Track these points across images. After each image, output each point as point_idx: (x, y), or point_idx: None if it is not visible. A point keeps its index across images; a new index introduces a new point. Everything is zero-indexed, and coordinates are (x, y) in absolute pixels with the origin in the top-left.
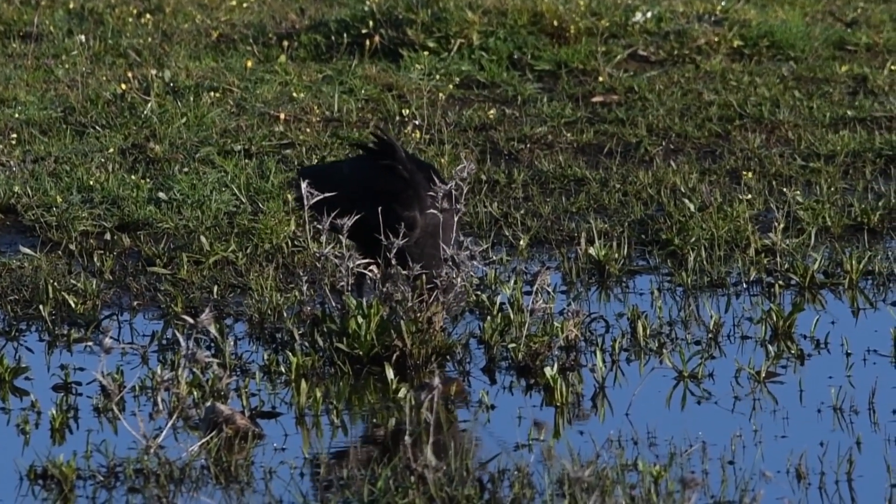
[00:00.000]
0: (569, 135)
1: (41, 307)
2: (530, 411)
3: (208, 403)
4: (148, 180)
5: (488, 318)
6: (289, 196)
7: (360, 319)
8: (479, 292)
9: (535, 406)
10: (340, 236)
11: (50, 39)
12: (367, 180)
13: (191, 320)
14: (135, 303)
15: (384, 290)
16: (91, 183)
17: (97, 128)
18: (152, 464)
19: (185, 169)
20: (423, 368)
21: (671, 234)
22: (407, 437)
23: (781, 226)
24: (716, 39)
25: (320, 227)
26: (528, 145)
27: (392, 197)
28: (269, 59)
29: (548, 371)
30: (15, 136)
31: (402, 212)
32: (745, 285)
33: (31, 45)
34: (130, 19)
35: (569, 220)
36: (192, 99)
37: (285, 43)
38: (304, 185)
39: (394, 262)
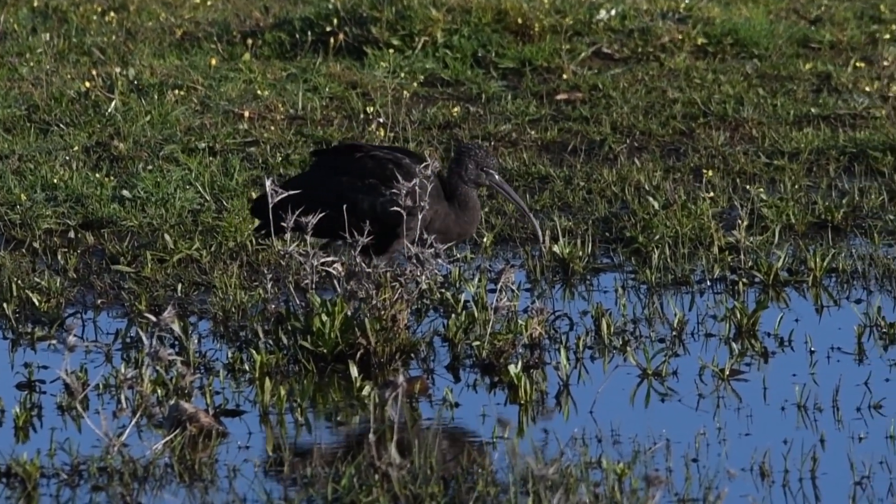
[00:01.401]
0: (533, 132)
1: (5, 305)
2: (494, 409)
3: (172, 401)
4: (112, 178)
5: (452, 316)
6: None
7: (324, 317)
8: (443, 290)
9: (500, 404)
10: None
11: (14, 37)
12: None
13: (154, 318)
14: (99, 301)
15: (348, 287)
16: (55, 181)
17: (61, 126)
18: (116, 462)
19: (150, 167)
20: (388, 366)
21: (635, 232)
22: (371, 435)
23: (745, 223)
24: (680, 37)
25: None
26: (493, 143)
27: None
28: (233, 57)
29: (512, 369)
30: None
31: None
32: (708, 283)
33: None
34: (95, 17)
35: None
36: (156, 97)
37: (249, 41)
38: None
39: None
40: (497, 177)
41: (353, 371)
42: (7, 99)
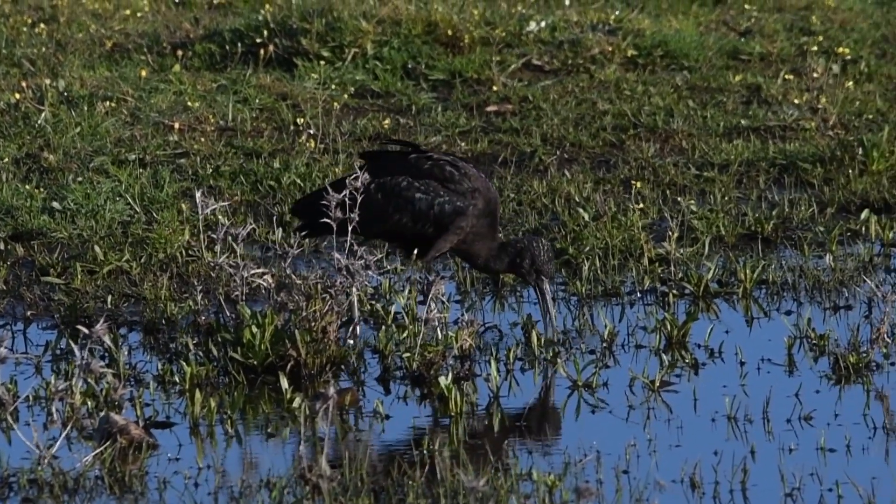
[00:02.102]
0: (463, 144)
1: None
2: (425, 421)
3: (102, 413)
4: (42, 190)
5: (383, 327)
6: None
7: (254, 329)
8: (373, 302)
9: (430, 416)
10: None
11: None
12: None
13: (85, 330)
14: (28, 312)
15: (279, 299)
16: None
17: None
18: (46, 474)
19: (80, 178)
20: (318, 378)
21: (565, 244)
22: (301, 447)
23: (675, 235)
24: (610, 49)
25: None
26: None
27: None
28: (163, 69)
29: (442, 380)
30: None
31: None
32: (639, 294)
33: None
34: (24, 29)
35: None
36: (86, 108)
37: (180, 52)
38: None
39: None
40: (546, 285)
41: (284, 383)
42: None
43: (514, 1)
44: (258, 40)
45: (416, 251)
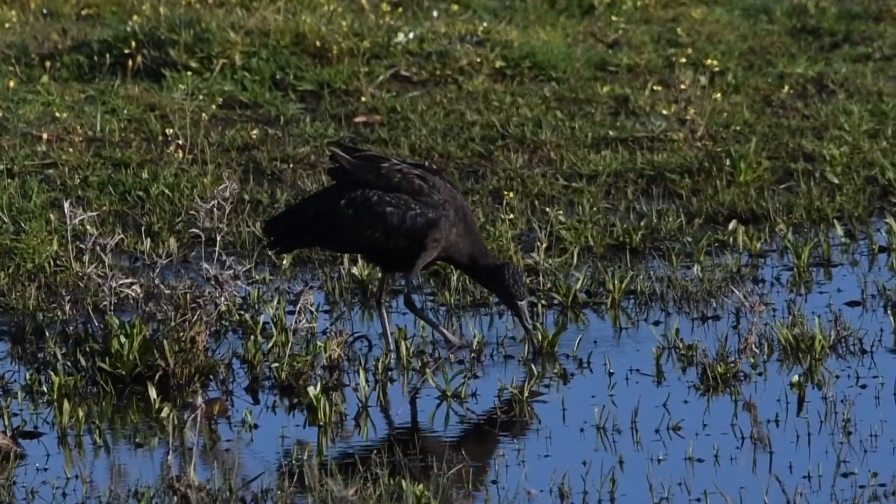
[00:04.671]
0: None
1: None
2: (294, 431)
3: None
4: None
5: (251, 337)
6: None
7: (122, 339)
8: (241, 312)
9: (299, 425)
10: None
11: None
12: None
13: None
14: None
15: (147, 309)
16: None
17: None
18: None
19: None
20: (186, 388)
21: None
22: (170, 457)
23: (544, 245)
24: (478, 60)
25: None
26: (291, 165)
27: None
28: (31, 80)
29: (311, 390)
30: None
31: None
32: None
33: None
34: None
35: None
36: None
37: (48, 63)
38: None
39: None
40: (523, 304)
41: (152, 393)
42: None
43: (381, 12)
44: (126, 51)
45: (396, 268)
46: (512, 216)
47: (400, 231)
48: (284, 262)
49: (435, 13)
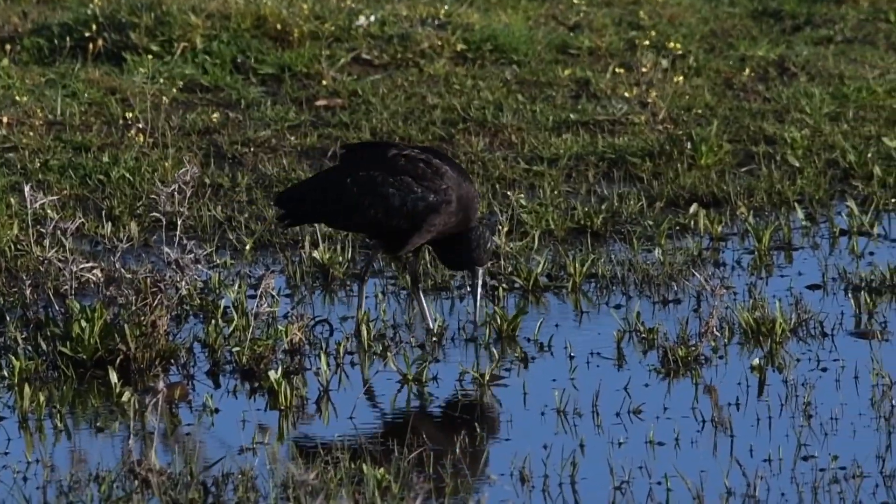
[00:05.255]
0: (293, 138)
1: None
2: (255, 415)
3: None
4: None
5: (212, 321)
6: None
7: (83, 323)
8: (203, 296)
9: (260, 409)
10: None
11: None
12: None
13: None
14: None
15: (108, 293)
16: None
17: None
18: None
19: None
20: (147, 372)
21: None
22: (131, 441)
23: (505, 229)
24: (439, 43)
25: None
26: (252, 149)
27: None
28: None
29: (272, 374)
30: None
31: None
32: (469, 288)
33: None
34: None
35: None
36: None
37: (8, 46)
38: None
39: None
40: (480, 273)
41: (113, 377)
42: None
43: None
44: (87, 34)
45: (389, 246)
46: None
47: (400, 213)
48: (246, 246)
49: None
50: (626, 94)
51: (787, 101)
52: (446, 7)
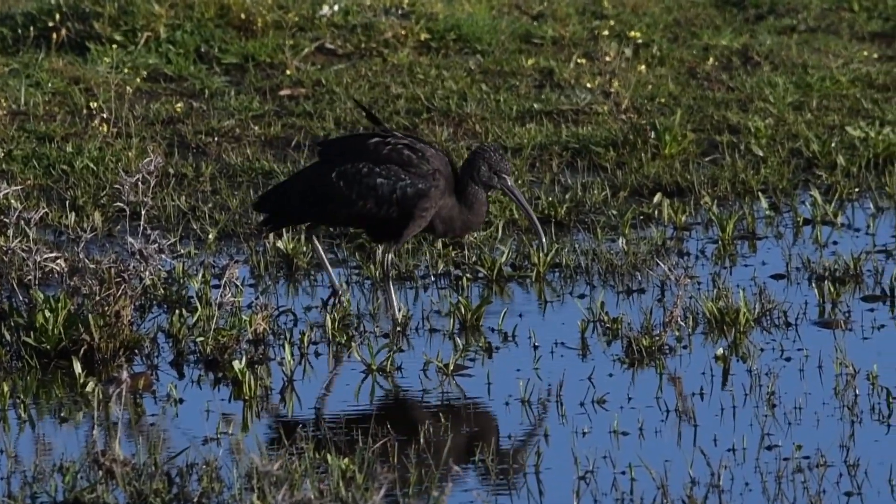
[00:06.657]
0: (256, 128)
1: None
2: (219, 405)
3: None
4: None
5: (176, 311)
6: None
7: (47, 313)
8: (166, 286)
9: (224, 399)
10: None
11: None
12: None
13: None
14: None
15: (72, 283)
16: None
17: None
18: None
19: None
20: (111, 362)
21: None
22: (95, 431)
23: None
24: (403, 33)
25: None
26: (216, 138)
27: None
28: None
29: (236, 364)
30: None
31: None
32: (432, 278)
33: None
34: None
35: (257, 214)
36: None
37: None
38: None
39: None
40: (510, 181)
41: (77, 367)
42: None
43: None
44: (50, 24)
45: (385, 239)
46: None
47: (391, 201)
48: (210, 236)
49: None
50: (590, 84)
51: (750, 91)
52: None
